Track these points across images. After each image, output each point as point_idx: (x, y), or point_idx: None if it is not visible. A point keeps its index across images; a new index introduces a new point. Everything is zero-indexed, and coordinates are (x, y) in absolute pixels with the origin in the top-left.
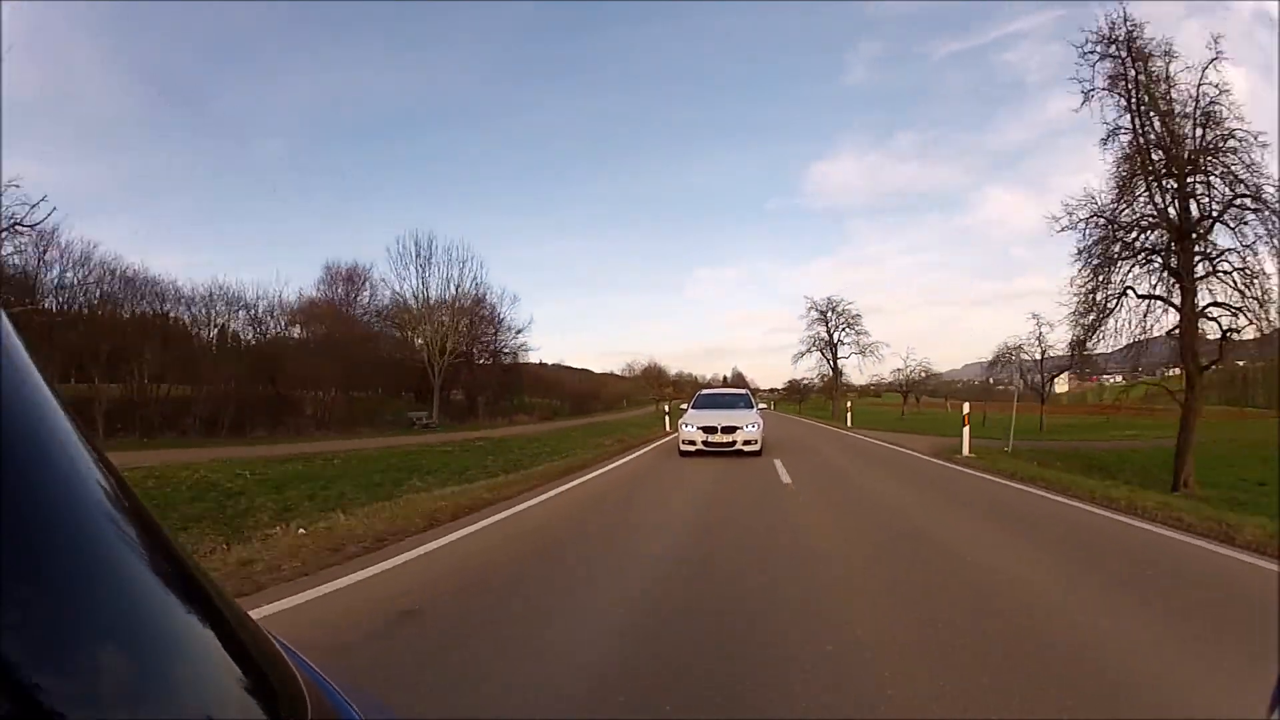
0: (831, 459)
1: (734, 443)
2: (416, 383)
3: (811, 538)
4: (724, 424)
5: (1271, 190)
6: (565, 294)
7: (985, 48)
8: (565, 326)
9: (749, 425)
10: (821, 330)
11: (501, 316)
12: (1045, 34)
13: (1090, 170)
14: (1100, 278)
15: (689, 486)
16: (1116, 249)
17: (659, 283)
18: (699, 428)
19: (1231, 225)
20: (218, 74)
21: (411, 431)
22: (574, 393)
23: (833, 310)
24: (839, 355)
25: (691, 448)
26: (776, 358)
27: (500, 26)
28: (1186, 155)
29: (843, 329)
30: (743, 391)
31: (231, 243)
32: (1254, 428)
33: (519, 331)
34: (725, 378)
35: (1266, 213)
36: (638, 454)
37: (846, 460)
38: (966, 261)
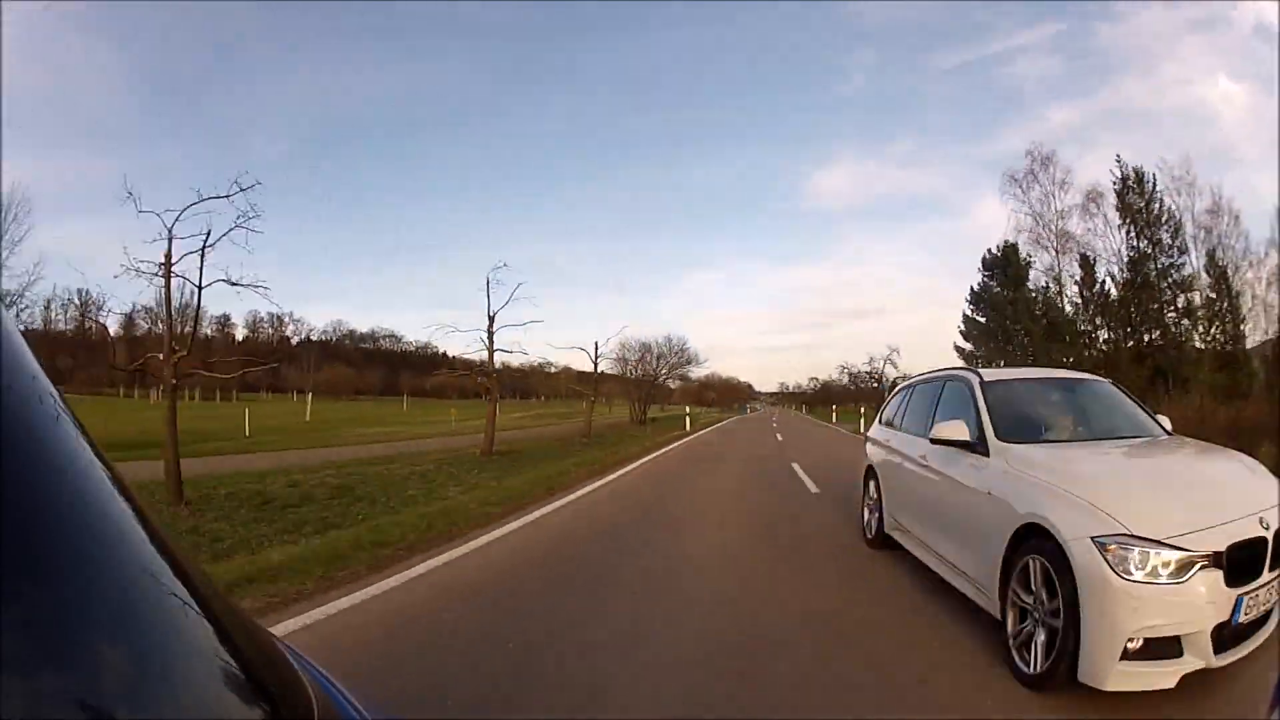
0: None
1: None
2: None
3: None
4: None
5: None
6: (553, 292)
7: (985, 60)
8: (550, 325)
9: None
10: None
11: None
12: (1045, 48)
13: (1081, 180)
14: None
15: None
16: None
17: (647, 285)
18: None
19: None
20: (211, 76)
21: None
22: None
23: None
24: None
25: None
26: (766, 358)
27: (493, 29)
28: None
29: None
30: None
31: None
32: None
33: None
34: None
35: None
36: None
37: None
38: (958, 267)
